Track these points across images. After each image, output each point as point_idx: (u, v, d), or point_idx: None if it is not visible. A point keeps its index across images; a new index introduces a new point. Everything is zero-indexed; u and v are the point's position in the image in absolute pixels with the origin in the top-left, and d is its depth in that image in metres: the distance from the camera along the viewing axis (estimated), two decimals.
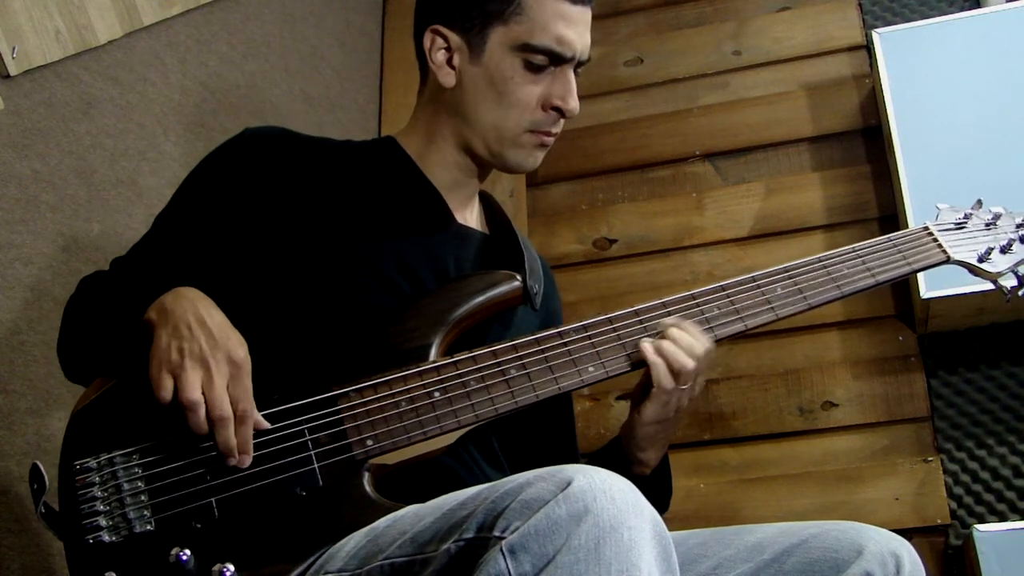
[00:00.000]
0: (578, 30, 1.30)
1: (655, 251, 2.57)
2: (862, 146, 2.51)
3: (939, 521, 2.19)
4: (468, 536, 0.91)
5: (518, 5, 1.28)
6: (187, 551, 1.05)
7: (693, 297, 1.29)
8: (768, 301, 1.29)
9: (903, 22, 2.50)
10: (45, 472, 1.10)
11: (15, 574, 1.47)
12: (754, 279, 1.31)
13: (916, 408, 2.28)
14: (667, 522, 0.95)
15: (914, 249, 1.37)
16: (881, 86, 2.32)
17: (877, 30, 2.38)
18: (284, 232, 1.28)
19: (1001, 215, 1.43)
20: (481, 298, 1.26)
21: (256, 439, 1.12)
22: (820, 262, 1.34)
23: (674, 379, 1.24)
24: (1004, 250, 1.39)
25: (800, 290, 1.31)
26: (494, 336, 1.31)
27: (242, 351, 1.11)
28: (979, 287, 2.00)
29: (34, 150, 1.62)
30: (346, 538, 1.07)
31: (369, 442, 1.15)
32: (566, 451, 1.50)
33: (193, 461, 1.11)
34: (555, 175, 2.71)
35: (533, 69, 1.30)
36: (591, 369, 1.22)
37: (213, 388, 1.07)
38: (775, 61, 2.65)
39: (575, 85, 1.32)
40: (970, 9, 2.46)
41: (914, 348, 2.32)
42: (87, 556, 1.07)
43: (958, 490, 2.21)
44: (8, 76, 1.57)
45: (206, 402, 1.07)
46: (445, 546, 0.93)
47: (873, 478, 2.25)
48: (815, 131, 2.56)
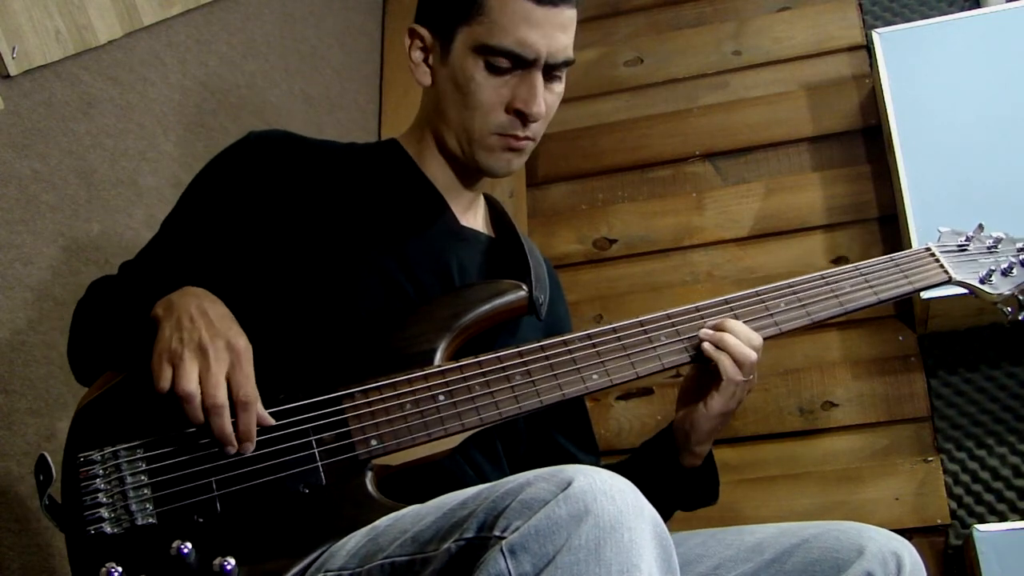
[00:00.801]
0: (544, 31, 1.26)
1: (655, 251, 2.57)
2: (862, 146, 2.51)
3: (939, 521, 2.19)
4: (468, 536, 0.91)
5: (480, 6, 1.26)
6: (188, 544, 1.05)
7: (697, 310, 1.30)
8: (771, 315, 1.31)
9: (903, 22, 2.50)
10: (52, 463, 1.11)
11: (15, 574, 1.47)
12: (758, 293, 1.33)
13: (916, 408, 2.28)
14: (667, 522, 0.95)
15: (916, 269, 1.39)
16: (881, 86, 2.32)
17: (877, 30, 2.38)
18: (289, 235, 1.28)
19: (1002, 239, 1.45)
20: (487, 307, 1.27)
21: (261, 436, 1.12)
22: (823, 279, 1.35)
23: (740, 370, 1.26)
24: (1005, 273, 1.41)
25: (803, 305, 1.33)
26: (500, 343, 1.31)
27: (243, 340, 1.11)
28: None
29: (34, 150, 1.62)
30: (347, 536, 1.08)
31: (373, 442, 1.15)
32: (586, 447, 1.51)
33: (197, 456, 1.11)
34: (555, 175, 2.71)
35: (495, 71, 1.28)
36: (595, 376, 1.24)
37: (209, 376, 1.07)
38: (775, 61, 2.65)
39: (540, 88, 1.29)
40: (970, 9, 2.46)
41: (914, 348, 2.32)
42: (88, 547, 1.07)
43: (958, 490, 2.21)
44: (8, 76, 1.57)
45: (202, 391, 1.07)
46: (445, 545, 0.93)
47: (873, 478, 2.25)
48: (815, 131, 2.56)
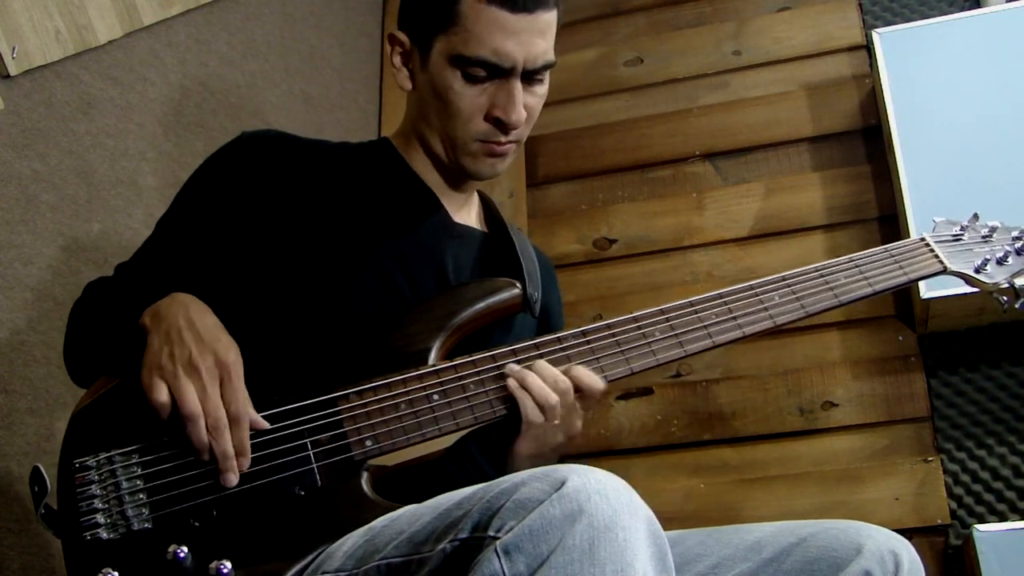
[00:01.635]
0: (520, 39, 1.24)
1: (655, 251, 2.57)
2: (862, 146, 2.51)
3: (939, 521, 2.19)
4: (463, 536, 0.91)
5: (455, 15, 1.25)
6: (184, 548, 1.06)
7: (691, 304, 1.29)
8: (766, 309, 1.30)
9: (903, 22, 2.50)
10: (46, 474, 1.11)
11: (15, 574, 1.47)
12: (752, 287, 1.32)
13: (916, 408, 2.28)
14: (667, 522, 0.95)
15: (911, 259, 1.38)
16: (881, 86, 2.32)
17: (877, 30, 2.38)
18: (282, 235, 1.28)
19: (997, 228, 1.45)
20: (481, 305, 1.26)
21: (256, 439, 1.12)
22: (817, 271, 1.34)
23: (541, 412, 1.18)
24: (1000, 262, 1.40)
25: (798, 298, 1.31)
26: (495, 341, 1.31)
27: (232, 353, 1.11)
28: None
29: (34, 150, 1.62)
30: (344, 538, 1.08)
31: (368, 443, 1.15)
32: None
33: (192, 461, 1.11)
34: (555, 175, 2.71)
35: (473, 80, 1.27)
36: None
37: (208, 398, 1.08)
38: (775, 61, 2.65)
39: (519, 96, 1.27)
40: (970, 9, 2.46)
41: (914, 348, 2.32)
42: (84, 553, 1.07)
43: (958, 490, 2.21)
44: (8, 76, 1.57)
45: (203, 413, 1.08)
46: (441, 546, 0.93)
47: (873, 478, 2.25)
48: (815, 131, 2.56)
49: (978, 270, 1.39)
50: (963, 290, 2.08)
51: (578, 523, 0.86)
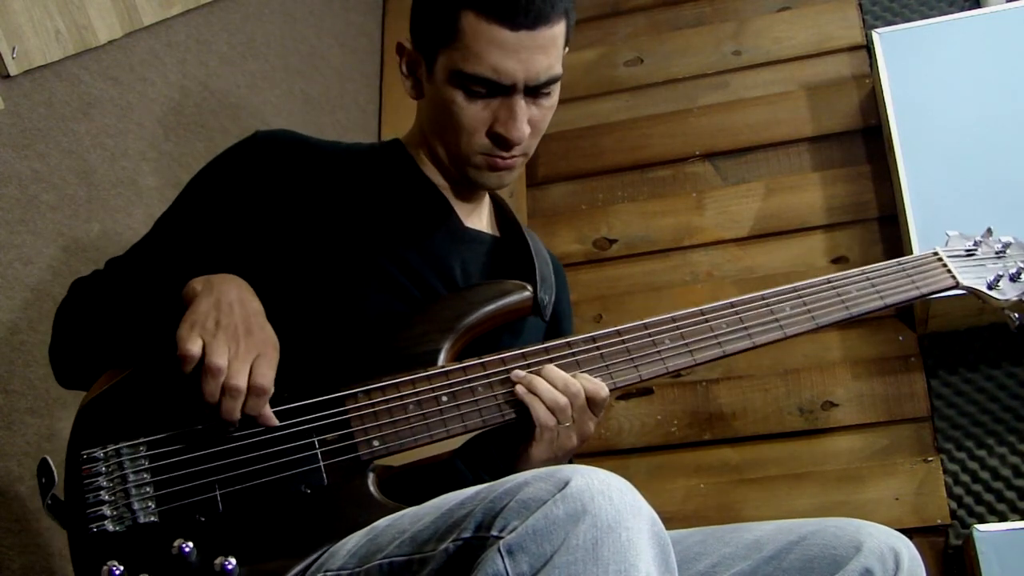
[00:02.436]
0: (520, 57, 1.23)
1: (655, 251, 2.57)
2: (862, 146, 2.51)
3: (939, 521, 2.19)
4: (466, 536, 0.91)
5: (456, 31, 1.24)
6: (190, 543, 1.05)
7: (702, 313, 1.29)
8: (776, 320, 1.30)
9: (903, 22, 2.50)
10: (54, 466, 1.11)
11: (15, 574, 1.47)
12: (763, 297, 1.31)
13: (916, 408, 2.28)
14: (667, 522, 0.95)
15: (923, 274, 1.38)
16: (881, 86, 2.32)
17: (877, 30, 2.38)
18: (293, 235, 1.28)
19: (1011, 244, 1.44)
20: (491, 307, 1.26)
21: (264, 436, 1.12)
22: (829, 283, 1.34)
23: (553, 416, 1.18)
24: (1013, 278, 1.40)
25: (809, 310, 1.31)
26: (504, 344, 1.31)
27: (274, 339, 1.13)
28: None
29: (34, 150, 1.62)
30: (347, 537, 1.08)
31: (375, 443, 1.15)
32: None
33: (199, 455, 1.11)
34: (555, 175, 2.72)
35: (474, 96, 1.26)
36: (598, 379, 1.22)
37: (238, 358, 1.08)
38: (775, 61, 2.66)
39: (522, 113, 1.26)
40: (970, 9, 2.46)
41: (914, 348, 2.32)
42: (90, 545, 1.07)
43: (958, 490, 2.21)
44: (8, 76, 1.57)
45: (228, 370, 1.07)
46: (443, 545, 0.93)
47: (873, 478, 2.25)
48: (815, 131, 2.56)
49: (991, 286, 1.39)
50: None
51: (581, 523, 0.86)
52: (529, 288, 1.29)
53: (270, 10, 2.37)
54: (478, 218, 1.43)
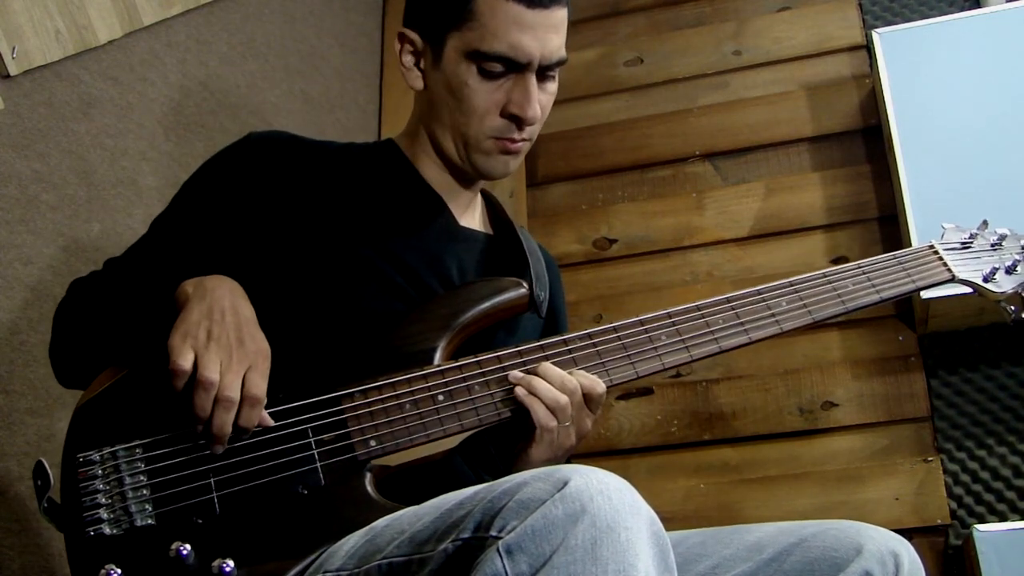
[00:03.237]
0: (536, 34, 1.25)
1: (655, 251, 2.57)
2: (862, 146, 2.51)
3: (939, 521, 2.19)
4: (465, 536, 0.91)
5: (471, 11, 1.25)
6: (187, 546, 1.05)
7: (698, 309, 1.29)
8: (773, 315, 1.29)
9: (903, 22, 2.50)
10: (49, 469, 1.11)
11: (15, 574, 1.47)
12: (759, 292, 1.31)
13: (916, 408, 2.28)
14: (667, 522, 0.95)
15: (919, 267, 1.37)
16: (881, 86, 2.32)
17: (877, 30, 2.38)
18: (288, 235, 1.28)
19: (1007, 236, 1.43)
20: (487, 304, 1.26)
21: (260, 437, 1.12)
22: (825, 277, 1.33)
23: (553, 416, 1.18)
24: (1009, 271, 1.39)
25: (805, 305, 1.31)
26: (499, 341, 1.31)
27: (265, 346, 1.12)
28: None
29: (34, 150, 1.62)
30: (346, 537, 1.08)
31: (372, 443, 1.15)
32: None
33: (196, 456, 1.11)
34: (555, 175, 2.72)
35: (489, 76, 1.27)
36: (595, 376, 1.22)
37: (230, 370, 1.07)
38: (775, 61, 2.66)
39: (535, 92, 1.28)
40: (970, 9, 2.46)
41: (914, 348, 2.32)
42: (87, 548, 1.07)
43: (958, 490, 2.21)
44: (8, 76, 1.57)
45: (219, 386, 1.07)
46: (442, 546, 0.93)
47: (873, 478, 2.25)
48: (815, 131, 2.56)
49: (987, 279, 1.38)
50: (963, 290, 2.07)
51: (580, 523, 0.86)
52: (525, 285, 1.29)
53: (270, 10, 2.37)
54: (472, 216, 1.43)
